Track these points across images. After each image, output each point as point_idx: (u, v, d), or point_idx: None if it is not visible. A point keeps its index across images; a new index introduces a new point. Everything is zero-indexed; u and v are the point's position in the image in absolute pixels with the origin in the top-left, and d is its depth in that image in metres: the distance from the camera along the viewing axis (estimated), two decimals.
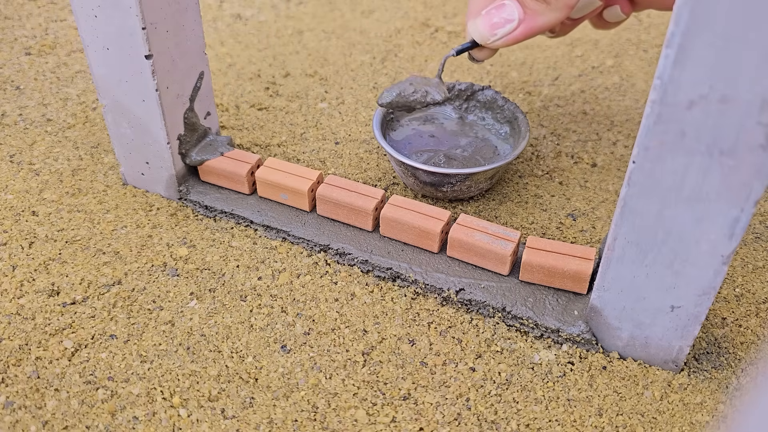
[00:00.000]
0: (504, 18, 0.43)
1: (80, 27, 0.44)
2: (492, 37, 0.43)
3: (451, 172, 0.47)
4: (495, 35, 0.43)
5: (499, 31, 0.43)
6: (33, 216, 0.49)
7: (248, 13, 0.75)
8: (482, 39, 0.44)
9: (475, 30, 0.44)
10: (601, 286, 0.38)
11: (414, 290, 0.44)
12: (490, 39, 0.44)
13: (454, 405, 0.38)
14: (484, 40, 0.44)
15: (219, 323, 0.42)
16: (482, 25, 0.44)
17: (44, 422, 0.37)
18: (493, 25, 0.43)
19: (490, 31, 0.43)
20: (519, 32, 0.43)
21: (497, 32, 0.43)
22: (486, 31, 0.43)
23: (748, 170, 0.30)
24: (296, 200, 0.48)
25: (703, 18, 0.27)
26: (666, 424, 0.37)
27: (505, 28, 0.43)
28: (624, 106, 0.61)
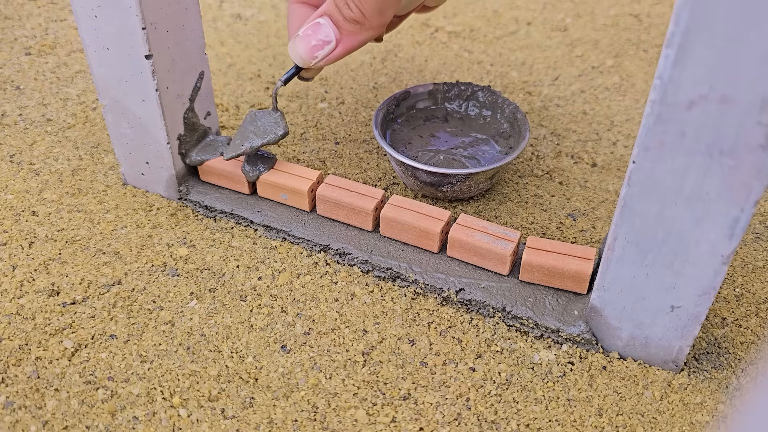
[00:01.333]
0: (321, 40, 0.43)
1: (80, 27, 0.44)
2: (313, 60, 0.43)
3: (450, 172, 0.47)
4: (316, 58, 0.43)
5: (319, 53, 0.43)
6: (33, 216, 0.49)
7: (248, 13, 0.75)
8: (303, 62, 0.44)
9: (295, 54, 0.44)
10: (601, 286, 0.38)
11: (414, 290, 0.44)
12: (312, 62, 0.44)
13: (454, 405, 0.38)
14: (306, 64, 0.44)
15: (219, 323, 0.42)
16: (301, 49, 0.43)
17: (44, 422, 0.37)
18: (312, 48, 0.43)
19: (310, 54, 0.43)
20: (338, 51, 0.43)
21: (317, 54, 0.43)
22: (306, 55, 0.43)
23: (748, 170, 0.30)
24: (296, 200, 0.48)
25: (703, 18, 0.27)
26: (666, 424, 0.37)
27: (324, 50, 0.43)
28: (624, 106, 0.61)
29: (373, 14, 0.41)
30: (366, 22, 0.42)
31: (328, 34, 0.42)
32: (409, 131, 0.53)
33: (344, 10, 0.42)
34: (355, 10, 0.41)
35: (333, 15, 0.42)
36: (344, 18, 0.42)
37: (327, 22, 0.43)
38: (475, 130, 0.54)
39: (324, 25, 0.42)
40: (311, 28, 0.43)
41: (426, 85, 0.55)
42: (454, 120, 0.54)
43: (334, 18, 0.42)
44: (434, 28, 0.73)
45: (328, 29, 0.42)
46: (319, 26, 0.43)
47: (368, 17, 0.41)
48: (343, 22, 0.42)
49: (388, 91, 0.63)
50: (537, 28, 0.73)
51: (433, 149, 0.52)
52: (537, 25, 0.74)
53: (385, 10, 0.41)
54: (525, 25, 0.74)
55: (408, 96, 0.54)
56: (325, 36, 0.42)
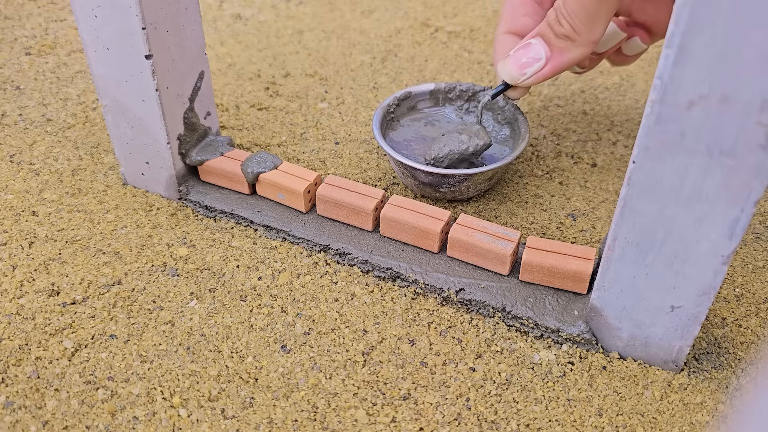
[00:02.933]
0: (532, 57, 0.44)
1: (80, 27, 0.44)
2: (522, 77, 0.44)
3: (449, 173, 0.47)
4: (524, 74, 0.44)
5: (528, 70, 0.44)
6: (33, 216, 0.49)
7: (248, 13, 0.75)
8: (512, 79, 0.45)
9: (504, 71, 0.45)
10: (601, 286, 0.38)
11: (414, 290, 0.44)
12: (520, 78, 0.45)
13: (454, 405, 0.38)
14: (514, 80, 0.45)
15: (219, 323, 0.42)
16: (511, 66, 0.44)
17: (44, 422, 0.37)
18: (521, 65, 0.44)
19: (519, 71, 0.44)
20: (547, 70, 0.44)
21: (526, 71, 0.44)
22: (515, 71, 0.44)
23: (748, 170, 0.30)
24: (293, 201, 0.48)
25: (703, 18, 0.27)
26: (666, 424, 0.37)
27: (533, 67, 0.44)
28: (624, 106, 0.61)
29: (583, 29, 0.42)
30: (576, 37, 0.42)
31: (539, 53, 0.44)
32: (410, 131, 0.53)
33: (555, 27, 0.43)
34: (566, 25, 0.42)
35: (545, 34, 0.43)
36: (555, 35, 0.43)
37: (539, 41, 0.44)
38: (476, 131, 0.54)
39: (535, 44, 0.44)
40: (523, 48, 0.44)
41: (427, 85, 0.55)
42: (455, 121, 0.54)
43: (545, 36, 0.43)
44: (434, 28, 0.73)
45: (539, 48, 0.44)
46: (530, 46, 0.44)
47: (579, 32, 0.42)
48: (554, 39, 0.43)
49: (388, 91, 0.63)
50: None
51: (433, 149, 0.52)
52: None
53: (595, 24, 0.42)
54: None
55: (409, 96, 0.54)
56: (536, 54, 0.44)
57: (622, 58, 0.52)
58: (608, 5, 0.41)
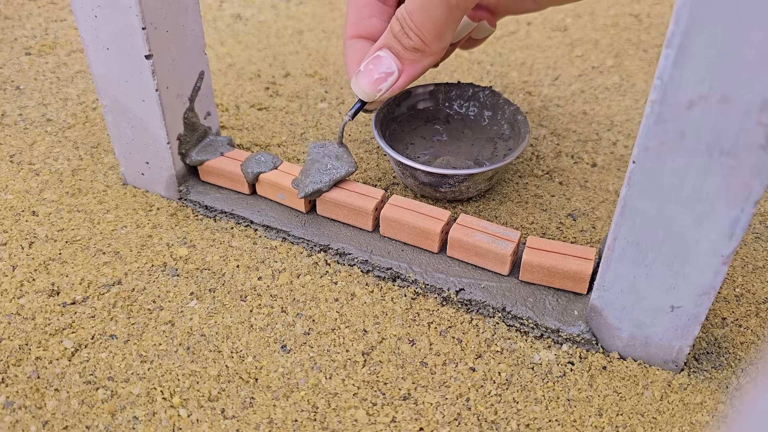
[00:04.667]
0: (384, 72, 0.43)
1: (80, 27, 0.44)
2: (377, 93, 0.44)
3: (449, 173, 0.47)
4: (380, 90, 0.43)
5: (382, 86, 0.43)
6: (33, 216, 0.49)
7: (248, 13, 0.75)
8: (368, 97, 0.44)
9: (359, 89, 0.44)
10: (601, 286, 0.38)
11: (414, 290, 0.44)
12: (376, 95, 0.44)
13: (454, 405, 0.38)
14: (370, 98, 0.44)
15: (219, 323, 0.42)
16: (365, 84, 0.44)
17: (44, 422, 0.37)
18: (375, 82, 0.43)
19: (374, 88, 0.43)
20: (401, 82, 0.43)
21: (381, 87, 0.43)
22: (370, 89, 0.44)
23: (748, 170, 0.30)
24: (292, 201, 0.48)
25: (703, 18, 0.27)
26: (666, 424, 0.37)
27: (387, 82, 0.43)
28: (624, 106, 0.61)
29: (433, 40, 0.41)
30: (426, 49, 0.42)
31: (390, 66, 0.43)
32: (410, 131, 0.53)
33: (404, 40, 0.42)
34: (415, 38, 0.41)
35: (392, 46, 0.42)
36: (404, 48, 0.42)
37: (387, 54, 0.43)
38: (476, 131, 0.54)
39: (384, 57, 0.43)
40: (372, 62, 0.43)
41: (427, 86, 0.55)
42: (455, 121, 0.54)
43: (393, 49, 0.42)
44: None
45: (389, 61, 0.43)
46: (379, 59, 0.43)
47: (428, 44, 0.41)
48: (403, 52, 0.42)
49: None
50: (537, 28, 0.73)
51: (434, 150, 0.52)
52: (537, 25, 0.74)
53: (444, 34, 0.41)
54: (525, 25, 0.74)
55: (409, 96, 0.54)
56: (387, 68, 0.43)
57: (472, 43, 0.51)
58: (456, 15, 0.40)
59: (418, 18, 0.40)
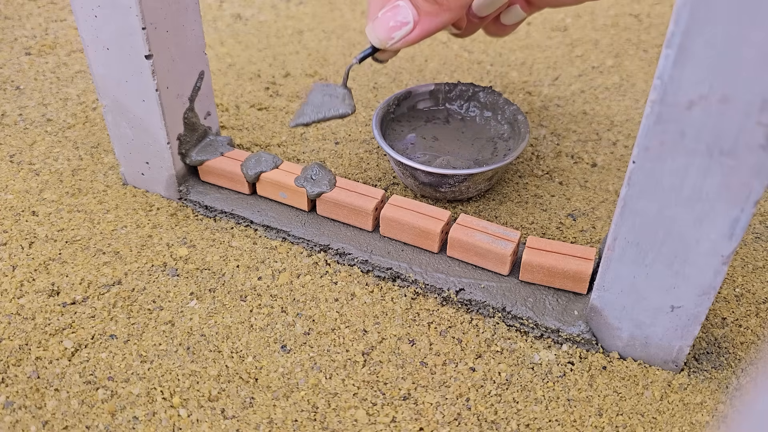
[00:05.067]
0: (399, 21, 0.43)
1: (80, 27, 0.44)
2: (390, 41, 0.44)
3: (449, 173, 0.47)
4: (392, 38, 0.44)
5: (395, 34, 0.43)
6: (33, 216, 0.49)
7: (248, 13, 0.75)
8: (380, 43, 0.44)
9: (372, 34, 0.44)
10: (601, 286, 0.38)
11: (414, 290, 0.44)
12: (388, 42, 0.44)
13: (454, 405, 0.38)
14: (383, 44, 0.44)
15: (219, 323, 0.42)
16: (379, 29, 0.44)
17: (44, 422, 0.37)
18: (389, 29, 0.44)
19: (387, 34, 0.44)
20: (415, 34, 0.43)
21: (394, 35, 0.44)
22: (383, 35, 0.44)
23: (748, 170, 0.30)
24: (295, 199, 0.48)
25: (703, 18, 0.27)
26: (666, 424, 0.37)
27: (401, 30, 0.43)
28: (624, 106, 0.61)
29: None
30: (444, 2, 0.42)
31: (407, 16, 0.43)
32: (410, 131, 0.53)
33: None
34: None
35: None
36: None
37: (406, 3, 0.43)
38: (476, 131, 0.54)
39: (403, 6, 0.43)
40: (390, 10, 0.44)
41: (427, 85, 0.55)
42: (455, 121, 0.54)
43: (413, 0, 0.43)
44: None
45: (407, 11, 0.43)
46: (398, 8, 0.43)
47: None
48: (421, 3, 0.42)
49: (388, 91, 0.63)
50: (537, 28, 0.73)
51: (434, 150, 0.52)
52: (537, 25, 0.74)
53: None
54: (525, 25, 0.74)
55: (409, 96, 0.54)
56: (404, 17, 0.43)
57: (500, 28, 0.51)
58: None
59: None
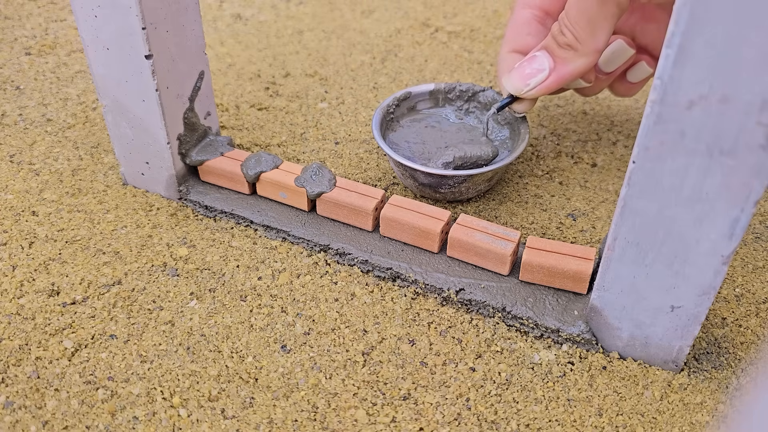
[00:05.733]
0: (536, 68, 0.44)
1: (80, 27, 0.44)
2: (525, 88, 0.45)
3: (448, 174, 0.47)
4: (528, 85, 0.45)
5: (531, 81, 0.44)
6: (33, 216, 0.49)
7: (248, 13, 0.76)
8: (516, 90, 0.45)
9: (509, 83, 0.46)
10: (601, 286, 0.38)
11: (414, 290, 0.44)
12: (524, 89, 0.45)
13: (454, 405, 0.38)
14: (518, 91, 0.45)
15: (219, 323, 0.42)
16: (515, 77, 0.45)
17: (44, 422, 0.37)
18: (525, 76, 0.45)
19: (523, 81, 0.45)
20: (551, 80, 0.44)
21: (530, 82, 0.44)
22: (519, 83, 0.45)
23: (748, 170, 0.30)
24: (295, 199, 0.48)
25: (703, 18, 0.27)
26: (666, 424, 0.37)
27: (537, 77, 0.44)
28: (624, 106, 0.61)
29: (585, 36, 0.42)
30: (579, 46, 0.43)
31: (542, 64, 0.44)
32: (410, 132, 0.53)
33: (558, 37, 0.43)
34: (568, 34, 0.42)
35: (548, 45, 0.44)
36: (558, 45, 0.43)
37: (543, 53, 0.44)
38: (475, 131, 0.54)
39: (540, 56, 0.44)
40: (527, 60, 0.45)
41: (426, 86, 0.55)
42: (455, 121, 0.54)
43: (549, 48, 0.44)
44: (434, 28, 0.73)
45: (543, 60, 0.44)
46: (534, 58, 0.44)
47: (581, 40, 0.42)
48: (557, 50, 0.43)
49: (388, 91, 0.63)
50: None
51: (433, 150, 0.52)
52: None
53: (596, 31, 0.42)
54: None
55: (409, 96, 0.54)
56: (539, 65, 0.44)
57: (627, 87, 0.52)
58: (608, 9, 0.41)
59: (573, 13, 0.42)
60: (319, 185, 0.46)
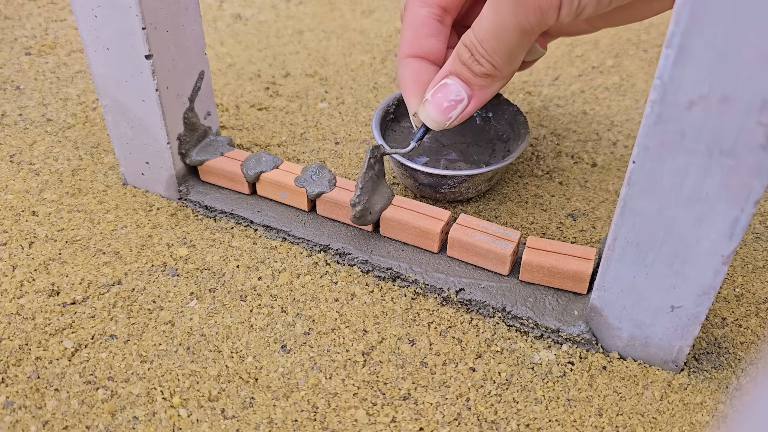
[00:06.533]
0: (453, 100, 0.42)
1: (80, 27, 0.44)
2: (447, 121, 0.43)
3: (448, 174, 0.47)
4: (450, 119, 0.42)
5: (452, 114, 0.42)
6: (33, 216, 0.49)
7: (248, 13, 0.76)
8: (438, 125, 0.43)
9: (427, 118, 0.43)
10: (601, 286, 0.38)
11: (414, 290, 0.44)
12: (446, 123, 0.43)
13: (454, 405, 0.38)
14: (440, 126, 0.43)
15: (219, 323, 0.42)
16: (434, 113, 0.42)
17: (44, 422, 0.37)
18: (445, 110, 0.42)
19: (444, 116, 0.42)
20: (470, 108, 0.42)
21: (451, 115, 0.42)
22: (440, 118, 0.42)
23: (748, 170, 0.30)
24: (295, 199, 0.48)
25: (703, 18, 0.27)
26: (666, 424, 0.37)
27: (457, 109, 0.42)
28: (624, 106, 0.61)
29: (504, 65, 0.40)
30: (498, 74, 0.41)
31: (459, 93, 0.42)
32: (410, 133, 0.53)
33: (474, 67, 0.41)
34: (486, 65, 0.40)
35: (461, 73, 0.41)
36: (474, 74, 0.41)
37: (455, 81, 0.42)
38: (476, 131, 0.54)
39: (452, 84, 0.42)
40: (440, 90, 0.42)
41: None
42: None
43: (462, 76, 0.41)
44: None
45: (458, 88, 0.42)
46: (447, 87, 0.42)
47: (500, 69, 0.41)
48: (473, 79, 0.41)
49: (388, 91, 0.63)
50: None
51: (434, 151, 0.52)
52: None
53: (515, 59, 0.40)
54: None
55: None
56: (456, 95, 0.42)
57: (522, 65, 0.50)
58: (529, 39, 0.39)
59: (490, 44, 0.39)
60: (319, 185, 0.46)
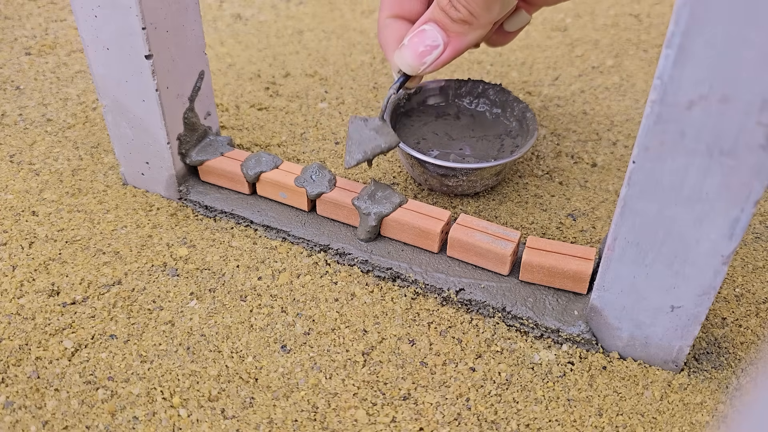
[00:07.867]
0: (429, 45, 0.42)
1: (80, 27, 0.44)
2: (421, 66, 0.43)
3: (457, 166, 0.47)
4: (424, 63, 0.42)
5: (427, 58, 0.42)
6: (33, 216, 0.49)
7: (248, 13, 0.75)
8: (412, 69, 0.43)
9: (402, 62, 0.43)
10: (601, 286, 0.38)
11: (414, 290, 0.44)
12: (420, 68, 0.43)
13: (454, 405, 0.38)
14: (414, 70, 0.43)
15: (219, 323, 0.42)
16: (409, 56, 0.43)
17: (44, 422, 0.37)
18: (420, 54, 0.42)
19: (418, 60, 0.42)
20: (446, 55, 0.42)
21: (426, 60, 0.42)
22: (414, 61, 0.43)
23: (748, 170, 0.30)
24: (295, 199, 0.48)
25: (703, 18, 0.27)
26: (666, 424, 0.37)
27: (432, 54, 0.42)
28: (624, 106, 0.61)
29: (482, 12, 0.40)
30: (474, 21, 0.41)
31: (435, 39, 0.42)
32: (421, 127, 0.53)
33: (451, 12, 0.41)
34: (463, 10, 0.40)
35: (440, 19, 0.42)
36: (451, 20, 0.41)
37: (433, 27, 0.42)
38: (485, 127, 0.54)
39: (430, 30, 0.42)
40: (417, 36, 0.42)
41: (437, 81, 0.55)
42: (465, 117, 0.55)
43: (440, 22, 0.42)
44: None
45: (435, 33, 0.42)
46: (424, 32, 0.42)
47: (476, 15, 0.41)
48: (450, 25, 0.41)
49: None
50: (537, 28, 0.73)
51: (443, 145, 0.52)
52: (537, 25, 0.74)
53: (492, 6, 0.40)
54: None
55: (419, 91, 0.54)
56: (433, 41, 0.42)
57: (504, 37, 0.50)
58: None
59: None
60: (319, 185, 0.46)
